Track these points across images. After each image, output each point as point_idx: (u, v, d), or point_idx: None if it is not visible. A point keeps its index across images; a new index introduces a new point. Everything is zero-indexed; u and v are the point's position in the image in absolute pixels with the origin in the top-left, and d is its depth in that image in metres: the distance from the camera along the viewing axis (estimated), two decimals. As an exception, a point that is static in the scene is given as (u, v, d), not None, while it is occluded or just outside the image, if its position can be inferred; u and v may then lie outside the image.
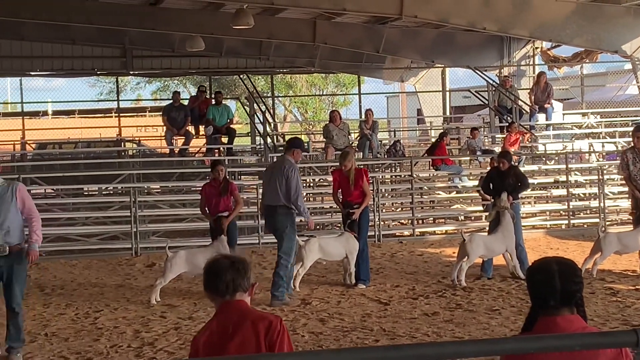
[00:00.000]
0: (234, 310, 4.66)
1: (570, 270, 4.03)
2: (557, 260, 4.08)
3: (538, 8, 22.33)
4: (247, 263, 4.83)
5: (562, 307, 3.96)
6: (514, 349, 3.28)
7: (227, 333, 4.60)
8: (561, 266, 4.02)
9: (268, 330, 4.58)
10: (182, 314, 11.75)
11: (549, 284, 3.96)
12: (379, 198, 18.34)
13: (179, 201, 19.53)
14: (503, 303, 11.87)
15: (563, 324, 3.92)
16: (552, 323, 3.92)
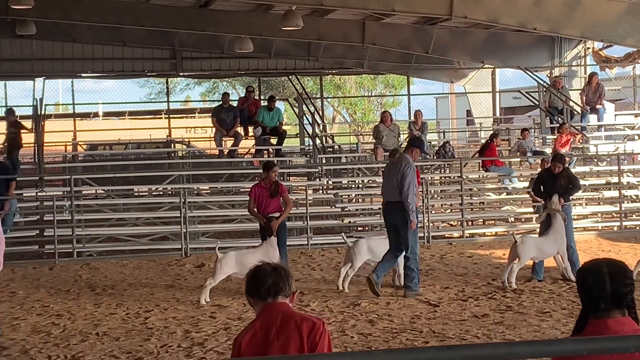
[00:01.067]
0: (277, 311, 4.67)
1: (620, 272, 3.97)
2: (607, 262, 4.02)
3: (589, 8, 22.08)
4: (289, 270, 4.87)
5: (613, 309, 3.90)
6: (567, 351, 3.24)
7: (270, 333, 4.61)
8: (611, 268, 3.97)
9: (311, 331, 4.59)
10: (231, 314, 11.79)
11: (600, 286, 3.91)
12: (428, 199, 18.26)
13: (228, 202, 19.62)
14: (554, 305, 11.76)
15: (614, 326, 3.86)
16: (603, 325, 3.87)
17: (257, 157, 22.77)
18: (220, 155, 23.19)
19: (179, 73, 30.68)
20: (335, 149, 24.44)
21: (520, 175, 20.46)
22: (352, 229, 18.81)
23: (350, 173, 21.07)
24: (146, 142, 29.40)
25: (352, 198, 21.41)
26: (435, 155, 22.10)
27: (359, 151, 23.19)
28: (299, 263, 15.92)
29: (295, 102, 24.15)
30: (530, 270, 13.69)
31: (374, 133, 21.47)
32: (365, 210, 20.08)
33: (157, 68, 30.37)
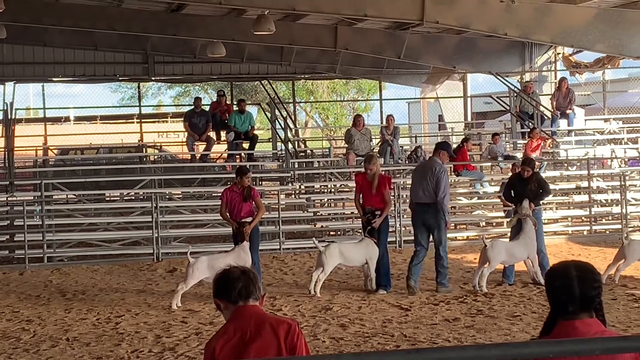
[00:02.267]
0: (250, 315, 4.64)
1: (589, 275, 4.01)
2: (575, 265, 4.06)
3: (560, 14, 22.25)
4: (256, 274, 4.84)
5: (581, 312, 3.94)
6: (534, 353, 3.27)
7: (245, 337, 4.59)
8: (580, 271, 4.00)
9: (288, 333, 4.58)
10: (203, 319, 11.78)
11: (568, 290, 3.94)
12: (400, 204, 18.31)
13: (201, 207, 19.58)
14: (524, 309, 11.83)
15: (582, 327, 3.90)
16: (571, 327, 3.91)
17: (229, 162, 22.75)
18: (193, 160, 23.15)
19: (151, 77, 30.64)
20: (307, 154, 24.47)
21: (492, 180, 20.57)
22: (325, 234, 18.84)
23: (323, 177, 21.09)
24: (118, 146, 29.30)
25: (324, 202, 21.43)
26: (407, 159, 22.16)
27: (331, 156, 23.23)
28: (271, 267, 15.92)
29: (268, 107, 24.16)
30: (501, 274, 13.77)
31: (346, 137, 21.51)
32: (337, 215, 20.10)
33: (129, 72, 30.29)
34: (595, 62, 26.73)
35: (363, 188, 13.49)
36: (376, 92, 37.29)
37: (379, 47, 27.49)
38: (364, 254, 13.26)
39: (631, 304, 11.94)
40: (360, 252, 13.28)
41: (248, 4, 21.08)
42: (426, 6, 20.96)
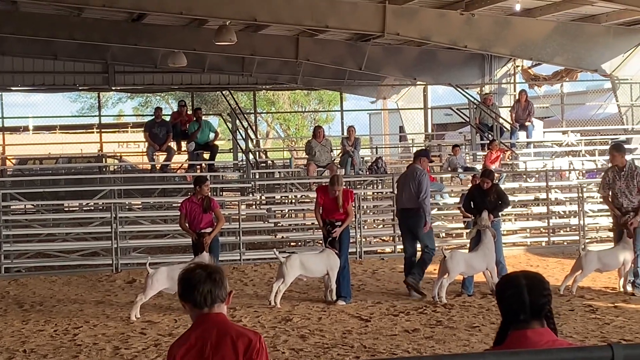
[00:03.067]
0: (213, 324, 4.57)
1: (538, 284, 4.09)
2: (525, 275, 4.13)
3: (519, 27, 22.47)
4: (223, 272, 4.71)
5: (532, 321, 4.01)
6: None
7: (206, 349, 4.54)
8: (529, 280, 4.08)
9: (247, 348, 4.53)
10: (162, 330, 11.72)
11: (519, 298, 4.02)
12: (361, 215, 18.35)
13: (161, 217, 19.49)
14: (483, 320, 11.90)
15: (533, 337, 3.96)
16: (523, 336, 3.96)
17: (189, 172, 22.68)
18: (153, 170, 23.06)
19: (111, 87, 30.46)
20: (268, 164, 24.46)
21: (451, 191, 20.68)
22: (285, 244, 18.83)
23: (284, 188, 21.08)
24: (77, 156, 29.08)
25: (285, 213, 21.43)
26: (367, 170, 22.23)
27: (292, 166, 23.23)
28: (231, 278, 15.87)
29: (229, 117, 24.13)
30: (460, 285, 13.85)
31: (306, 149, 21.54)
32: (298, 226, 20.11)
33: (89, 82, 30.11)
34: (554, 75, 27.02)
35: (325, 202, 13.49)
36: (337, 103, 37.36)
37: (340, 58, 27.58)
38: (325, 265, 13.27)
39: (588, 315, 12.05)
40: (321, 263, 13.30)
41: (209, 14, 21.04)
42: (387, 18, 21.05)
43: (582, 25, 22.77)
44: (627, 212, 13.35)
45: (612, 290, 13.85)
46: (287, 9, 20.70)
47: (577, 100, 30.31)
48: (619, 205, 13.47)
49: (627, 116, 23.89)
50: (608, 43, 23.00)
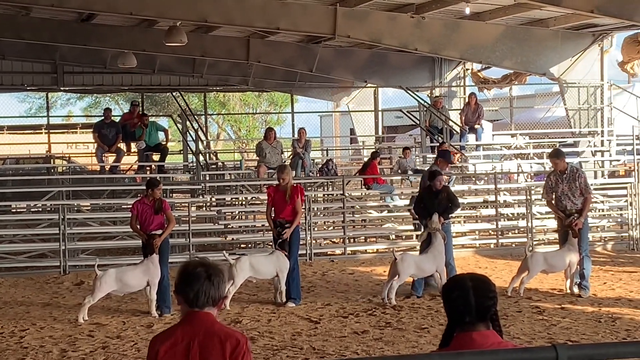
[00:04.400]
0: (201, 322, 4.51)
1: (484, 286, 4.12)
2: (471, 277, 4.16)
3: (469, 30, 22.65)
4: (224, 275, 4.63)
5: (478, 323, 4.03)
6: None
7: (192, 347, 4.47)
8: (475, 282, 4.11)
9: (234, 349, 4.48)
10: (110, 332, 11.63)
11: (464, 300, 4.04)
12: (311, 217, 18.37)
13: (110, 219, 19.34)
14: (432, 321, 11.97)
15: (479, 339, 3.99)
16: (469, 338, 3.99)
17: (139, 174, 22.52)
18: (102, 171, 22.87)
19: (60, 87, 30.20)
20: (219, 166, 24.37)
21: (402, 193, 20.76)
22: (235, 246, 18.78)
23: (234, 190, 21.03)
24: (25, 157, 28.75)
25: (235, 215, 21.37)
26: (318, 172, 22.26)
27: (243, 168, 23.18)
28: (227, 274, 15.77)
29: (179, 119, 24.00)
30: (410, 286, 13.92)
31: (257, 151, 21.49)
32: (248, 228, 20.07)
33: (38, 82, 29.82)
34: (503, 78, 27.27)
35: (275, 200, 13.49)
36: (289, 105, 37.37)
37: (291, 60, 27.61)
38: (275, 267, 13.27)
39: (535, 316, 12.17)
40: (271, 265, 13.29)
41: (159, 14, 20.93)
42: (338, 20, 21.11)
43: (530, 29, 23.01)
44: (571, 214, 13.53)
45: (559, 291, 14.01)
46: (238, 11, 20.66)
47: (525, 103, 30.62)
48: (563, 207, 13.65)
49: (575, 119, 24.17)
50: (556, 47, 23.27)
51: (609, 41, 24.13)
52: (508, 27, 22.84)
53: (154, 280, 12.65)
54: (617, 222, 20.53)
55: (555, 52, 23.28)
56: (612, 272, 16.05)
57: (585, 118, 24.07)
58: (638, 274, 15.76)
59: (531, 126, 26.55)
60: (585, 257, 13.70)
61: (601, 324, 11.61)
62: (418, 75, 27.88)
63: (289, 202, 13.32)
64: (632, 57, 23.57)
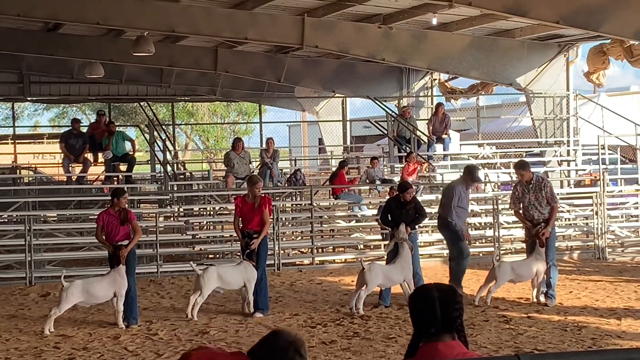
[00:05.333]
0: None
1: (450, 297, 4.12)
2: (437, 287, 4.17)
3: (436, 40, 22.78)
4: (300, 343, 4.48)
5: (443, 333, 4.04)
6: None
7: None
8: (441, 293, 4.12)
9: None
10: (76, 344, 11.55)
11: (430, 311, 4.05)
12: (279, 227, 18.36)
13: (76, 229, 19.22)
14: (400, 331, 11.99)
15: (444, 350, 4.00)
16: (434, 349, 4.01)
17: (106, 184, 22.41)
18: (69, 182, 22.72)
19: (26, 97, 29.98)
20: (186, 176, 24.30)
21: (369, 203, 20.81)
22: (203, 257, 18.73)
23: (202, 200, 20.97)
24: (-9, 167, 28.51)
25: (203, 225, 21.31)
26: (286, 182, 22.25)
27: (211, 178, 23.13)
28: (148, 291, 15.74)
29: (147, 129, 23.91)
30: (378, 296, 13.94)
31: (225, 161, 21.45)
32: (216, 238, 20.02)
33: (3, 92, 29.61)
34: (470, 89, 27.44)
35: (243, 211, 13.47)
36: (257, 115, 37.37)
37: (259, 70, 27.61)
38: (242, 277, 13.24)
39: (502, 325, 12.23)
40: (239, 275, 13.26)
41: (127, 24, 20.87)
42: (306, 30, 21.16)
43: (497, 40, 23.19)
44: (538, 224, 13.63)
45: (526, 300, 14.09)
46: (206, 21, 20.65)
47: (492, 113, 30.80)
48: (530, 217, 13.75)
49: (541, 129, 24.36)
50: (522, 57, 23.46)
51: (575, 52, 24.38)
52: (475, 38, 22.99)
53: (121, 292, 12.58)
54: (583, 231, 20.67)
55: (521, 63, 23.47)
56: (578, 281, 16.16)
57: (552, 128, 24.26)
58: (604, 282, 15.89)
59: (498, 136, 26.72)
60: (552, 266, 13.80)
61: (567, 332, 11.69)
62: (386, 85, 27.98)
63: (257, 213, 13.31)
64: (597, 67, 23.79)
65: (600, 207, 19.46)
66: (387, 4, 20.22)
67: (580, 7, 17.61)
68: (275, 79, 27.71)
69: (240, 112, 53.05)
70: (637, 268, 17.85)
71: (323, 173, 28.56)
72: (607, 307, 13.52)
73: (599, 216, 19.43)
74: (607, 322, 12.38)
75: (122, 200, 13.10)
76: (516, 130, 27.27)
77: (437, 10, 19.95)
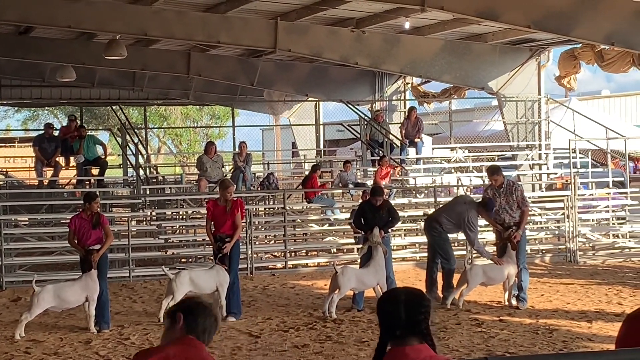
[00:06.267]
0: (196, 350, 4.53)
1: (416, 300, 4.16)
2: (405, 291, 4.20)
3: (408, 44, 22.85)
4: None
5: (409, 337, 4.07)
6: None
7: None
8: (408, 297, 4.15)
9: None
10: (47, 349, 11.48)
11: (395, 314, 4.08)
12: (252, 230, 18.34)
13: (48, 234, 19.11)
14: (372, 335, 11.98)
15: (411, 353, 4.03)
16: (401, 353, 4.03)
17: (78, 188, 22.30)
18: (40, 186, 22.59)
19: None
20: (159, 180, 24.23)
21: (342, 207, 20.83)
22: (176, 261, 18.67)
23: (174, 204, 20.91)
24: (-38, 171, 28.30)
25: (175, 229, 21.25)
26: (259, 186, 22.24)
27: (183, 182, 23.08)
28: (120, 296, 15.67)
29: (119, 133, 23.82)
30: (350, 300, 13.95)
31: (197, 165, 21.42)
32: (188, 242, 19.96)
33: (-25, 95, 29.36)
34: (443, 92, 27.55)
35: (215, 214, 13.45)
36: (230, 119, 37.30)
37: (232, 74, 27.57)
38: (215, 281, 13.21)
39: (474, 329, 12.28)
40: (211, 279, 13.23)
41: (99, 28, 20.75)
42: (279, 34, 21.16)
43: (469, 44, 23.30)
44: (509, 227, 13.70)
45: (498, 303, 14.15)
46: (179, 24, 20.60)
47: (465, 117, 30.94)
48: (501, 221, 13.83)
49: (513, 133, 24.50)
50: (494, 61, 23.59)
51: (546, 56, 24.55)
52: (447, 42, 23.09)
53: (93, 296, 12.52)
54: (555, 234, 20.79)
55: (493, 67, 23.59)
56: (549, 284, 16.26)
57: (523, 132, 24.41)
58: (575, 285, 15.99)
59: (470, 140, 26.85)
60: (523, 269, 13.88)
61: (538, 335, 11.75)
62: (359, 89, 28.04)
63: (229, 216, 13.29)
64: (568, 71, 23.98)
65: (571, 211, 19.58)
66: (360, 8, 20.25)
67: (551, 12, 17.72)
68: (248, 82, 27.68)
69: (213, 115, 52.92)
70: (608, 271, 17.99)
71: (296, 177, 28.56)
72: (578, 310, 13.61)
73: (570, 219, 19.55)
74: (578, 324, 12.46)
75: (94, 205, 13.06)
76: (488, 134, 27.42)
77: (409, 15, 20.01)
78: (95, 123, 47.81)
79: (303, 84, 28.23)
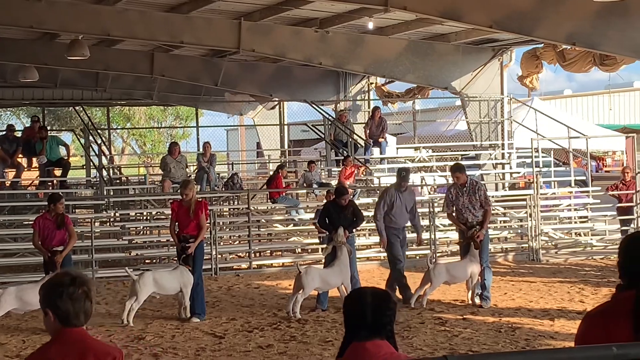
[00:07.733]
0: (74, 339, 4.35)
1: (383, 303, 4.17)
2: (372, 292, 4.22)
3: (372, 44, 22.91)
4: (93, 285, 4.46)
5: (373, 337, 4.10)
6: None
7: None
8: (374, 298, 4.17)
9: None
10: (9, 351, 11.40)
11: (361, 315, 4.10)
12: (217, 231, 18.31)
13: (10, 235, 18.95)
14: (336, 334, 12.01)
15: (372, 349, 4.06)
16: (362, 348, 4.06)
17: (41, 189, 22.15)
18: (2, 187, 22.40)
19: (-41, 101, 29.47)
20: (123, 181, 24.12)
21: (307, 207, 20.86)
22: (140, 262, 18.59)
23: (138, 205, 20.83)
24: None
25: (139, 230, 21.17)
26: (223, 187, 22.20)
27: (147, 183, 22.99)
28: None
29: (82, 133, 23.68)
30: (315, 300, 13.97)
31: (161, 165, 21.36)
32: (152, 243, 19.89)
33: None
34: (407, 92, 27.64)
35: (179, 215, 13.42)
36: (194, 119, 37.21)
37: (196, 74, 27.50)
38: (179, 282, 13.18)
39: (438, 327, 12.35)
40: (175, 280, 13.19)
41: (61, 28, 20.62)
42: (242, 34, 21.13)
43: (432, 44, 23.40)
44: (472, 226, 13.78)
45: (461, 302, 14.24)
46: (142, 24, 20.51)
47: (428, 117, 31.06)
48: (464, 220, 13.89)
49: (476, 132, 24.63)
50: (457, 61, 23.70)
51: (509, 56, 24.72)
52: (410, 42, 23.18)
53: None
54: (518, 233, 20.95)
55: (456, 67, 23.71)
56: (512, 282, 16.37)
57: (486, 131, 24.55)
58: (537, 284, 16.12)
59: (434, 139, 26.97)
60: (486, 268, 13.96)
61: (501, 334, 11.84)
62: (323, 89, 28.08)
63: (192, 217, 13.26)
64: (531, 71, 24.15)
65: (533, 210, 19.73)
66: (323, 8, 20.29)
67: (512, 12, 17.83)
68: (212, 82, 27.63)
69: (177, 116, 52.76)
70: (570, 269, 18.15)
71: (260, 177, 28.56)
72: (541, 308, 13.73)
73: (533, 218, 19.69)
74: (540, 323, 12.57)
75: (59, 206, 13.02)
76: (452, 134, 27.54)
77: (373, 15, 20.06)
78: (59, 124, 47.52)
79: (267, 84, 28.22)
